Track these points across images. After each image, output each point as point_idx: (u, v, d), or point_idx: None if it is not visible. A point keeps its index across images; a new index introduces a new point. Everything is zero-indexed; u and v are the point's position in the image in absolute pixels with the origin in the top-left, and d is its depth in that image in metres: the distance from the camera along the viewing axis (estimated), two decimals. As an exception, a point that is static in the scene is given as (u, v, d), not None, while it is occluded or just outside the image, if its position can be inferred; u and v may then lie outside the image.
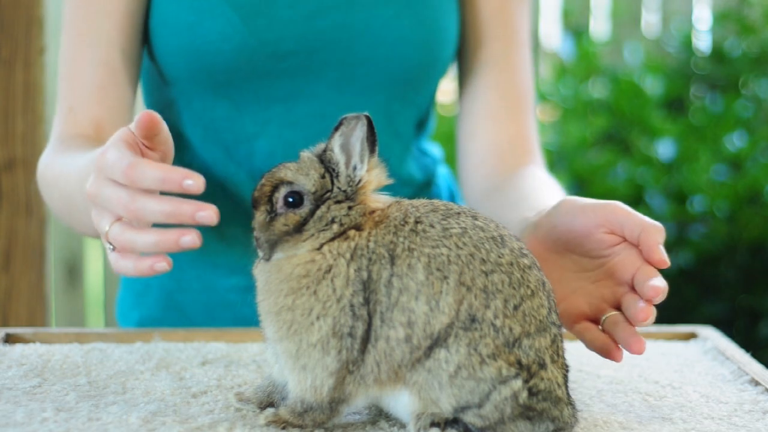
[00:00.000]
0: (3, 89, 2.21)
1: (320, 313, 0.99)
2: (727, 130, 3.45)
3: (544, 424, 0.99)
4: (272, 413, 1.05)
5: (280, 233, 1.03)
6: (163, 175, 0.99)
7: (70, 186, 1.33)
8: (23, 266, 2.25)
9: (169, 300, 1.62)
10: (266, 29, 1.48)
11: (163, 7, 1.50)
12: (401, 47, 1.52)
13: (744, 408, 1.14)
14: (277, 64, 1.50)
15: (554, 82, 3.62)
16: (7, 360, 1.29)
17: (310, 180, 1.03)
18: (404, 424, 1.06)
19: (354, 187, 1.03)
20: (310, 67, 1.51)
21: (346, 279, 0.99)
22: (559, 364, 1.01)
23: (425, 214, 1.01)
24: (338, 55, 1.51)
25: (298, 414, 1.03)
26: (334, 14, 1.51)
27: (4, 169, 2.22)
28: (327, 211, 1.02)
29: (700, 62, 3.73)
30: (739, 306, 3.25)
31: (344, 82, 1.52)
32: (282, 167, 1.05)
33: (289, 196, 1.03)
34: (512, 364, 0.97)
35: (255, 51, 1.48)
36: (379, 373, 0.99)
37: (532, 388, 0.98)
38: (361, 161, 1.03)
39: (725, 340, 1.42)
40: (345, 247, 1.01)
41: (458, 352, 0.97)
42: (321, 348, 0.99)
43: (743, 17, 3.73)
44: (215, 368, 1.27)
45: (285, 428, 1.03)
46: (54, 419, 1.05)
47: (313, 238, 1.02)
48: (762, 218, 3.27)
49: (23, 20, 2.21)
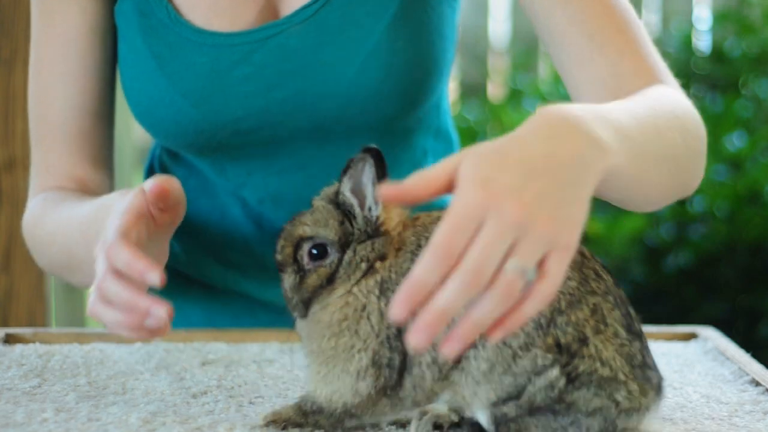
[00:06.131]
0: (3, 89, 2.21)
1: (361, 348, 1.00)
2: (727, 130, 3.45)
3: (568, 419, 0.95)
4: (271, 413, 1.05)
5: (314, 289, 1.02)
6: (129, 262, 1.02)
7: (71, 240, 1.32)
8: (23, 266, 2.25)
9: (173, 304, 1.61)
10: (220, 112, 1.39)
11: (125, 82, 1.46)
12: (373, 102, 1.41)
13: (745, 408, 1.14)
14: (243, 138, 1.42)
15: (554, 82, 3.62)
16: (7, 360, 1.29)
17: (330, 230, 1.02)
18: (404, 424, 1.06)
19: (373, 226, 1.02)
20: (279, 136, 1.43)
21: (379, 314, 1.00)
22: (607, 334, 0.95)
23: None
24: (306, 121, 1.41)
25: (303, 413, 1.03)
26: (293, 82, 1.39)
27: (4, 169, 2.22)
28: (354, 254, 1.02)
29: (700, 62, 3.72)
30: (739, 306, 3.25)
31: (320, 139, 1.44)
32: (297, 223, 1.04)
33: (313, 249, 1.02)
34: (549, 348, 0.94)
35: (214, 133, 1.41)
36: (416, 396, 1.00)
37: (570, 373, 0.94)
38: (375, 201, 1.02)
39: (725, 340, 1.42)
40: (372, 283, 1.01)
41: (486, 349, 0.96)
42: (356, 375, 1.00)
43: (743, 17, 3.73)
44: (215, 368, 1.27)
45: (285, 428, 1.03)
46: (54, 419, 1.05)
47: (345, 283, 1.02)
48: (762, 218, 3.27)
49: (23, 20, 2.21)
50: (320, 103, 1.40)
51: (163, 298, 1.17)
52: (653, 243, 3.29)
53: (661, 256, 3.27)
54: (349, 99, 1.40)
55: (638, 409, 0.96)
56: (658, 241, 3.30)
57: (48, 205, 1.43)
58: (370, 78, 1.39)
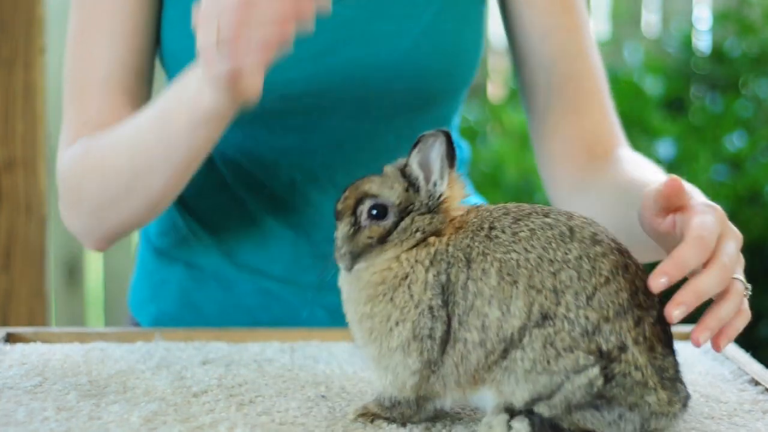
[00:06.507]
0: (3, 89, 2.21)
1: (399, 319, 1.03)
2: (727, 130, 3.45)
3: (615, 412, 0.98)
4: (361, 406, 1.08)
5: (364, 245, 1.05)
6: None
7: (142, 137, 1.33)
8: (23, 266, 2.25)
9: (186, 297, 1.61)
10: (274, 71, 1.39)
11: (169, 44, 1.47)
12: (420, 78, 1.47)
13: (744, 408, 1.14)
14: (288, 104, 1.46)
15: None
16: (8, 359, 1.29)
17: (394, 193, 1.05)
18: (405, 424, 1.06)
19: (435, 202, 1.05)
20: (323, 105, 1.47)
21: (424, 284, 1.02)
22: (645, 346, 0.99)
23: (498, 218, 1.03)
24: (352, 92, 1.46)
25: (386, 408, 1.06)
26: (346, 50, 1.45)
27: (4, 169, 2.22)
28: (411, 223, 1.05)
29: (700, 62, 3.73)
30: (739, 306, 3.24)
31: (360, 113, 1.48)
32: (366, 180, 1.07)
33: (373, 208, 1.05)
34: (592, 352, 0.97)
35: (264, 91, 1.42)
36: (458, 376, 1.02)
37: (608, 373, 0.97)
38: (441, 177, 1.05)
39: (725, 339, 1.42)
40: (424, 254, 1.03)
41: (533, 350, 0.98)
42: (402, 351, 1.03)
43: (743, 17, 3.73)
44: (216, 368, 1.27)
45: (373, 421, 1.06)
46: (55, 418, 1.05)
47: (396, 247, 1.05)
48: (762, 218, 3.27)
49: (23, 20, 2.21)
50: (368, 74, 1.45)
51: (180, 296, 1.18)
52: (653, 243, 3.29)
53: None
54: (396, 72, 1.45)
55: (666, 415, 1.00)
56: (658, 241, 3.30)
57: (96, 135, 1.41)
58: (421, 54, 1.46)
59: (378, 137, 1.50)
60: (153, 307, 1.64)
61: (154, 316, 1.63)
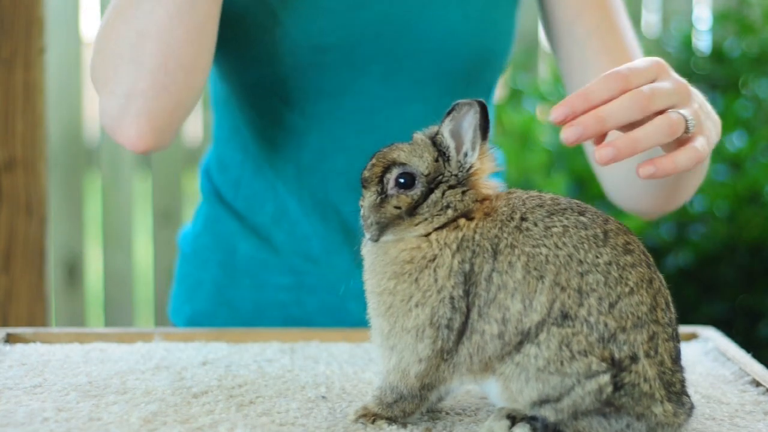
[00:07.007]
0: (3, 89, 2.21)
1: (419, 301, 1.01)
2: (727, 130, 3.45)
3: (623, 421, 0.98)
4: (362, 407, 1.07)
5: (392, 216, 1.03)
6: None
7: None
8: (23, 266, 2.24)
9: (220, 296, 1.62)
10: (308, 20, 1.44)
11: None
12: (449, 41, 1.49)
13: (745, 409, 1.14)
14: (320, 56, 1.47)
15: (554, 82, 3.62)
16: (8, 360, 1.29)
17: (423, 162, 1.04)
18: (405, 424, 1.06)
19: (465, 173, 1.04)
20: (354, 61, 1.48)
21: (449, 270, 1.01)
22: (655, 360, 0.98)
23: (531, 210, 1.02)
24: (383, 49, 1.48)
25: (387, 405, 1.05)
26: (378, 6, 1.47)
27: (4, 169, 2.22)
28: (441, 196, 1.03)
29: (700, 62, 3.72)
30: (739, 306, 3.25)
31: (391, 76, 1.50)
32: (395, 148, 1.05)
33: (400, 177, 1.04)
34: (605, 359, 0.97)
35: (297, 42, 1.45)
36: (471, 364, 1.01)
37: (617, 382, 0.97)
38: (472, 148, 1.04)
39: (726, 340, 1.42)
40: (452, 237, 1.02)
41: (549, 348, 0.97)
42: (415, 334, 1.01)
43: (743, 17, 3.72)
44: (216, 368, 1.27)
45: (374, 421, 1.05)
46: (55, 419, 1.05)
47: (426, 222, 1.03)
48: (762, 218, 3.27)
49: (23, 20, 2.21)
50: (399, 32, 1.47)
51: (215, 294, 1.17)
52: (653, 243, 3.29)
53: (661, 256, 3.27)
54: (427, 33, 1.47)
55: (672, 425, 1.00)
56: (658, 240, 3.30)
57: None
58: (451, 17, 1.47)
59: (407, 106, 1.51)
60: (188, 308, 1.65)
61: (189, 316, 1.64)
